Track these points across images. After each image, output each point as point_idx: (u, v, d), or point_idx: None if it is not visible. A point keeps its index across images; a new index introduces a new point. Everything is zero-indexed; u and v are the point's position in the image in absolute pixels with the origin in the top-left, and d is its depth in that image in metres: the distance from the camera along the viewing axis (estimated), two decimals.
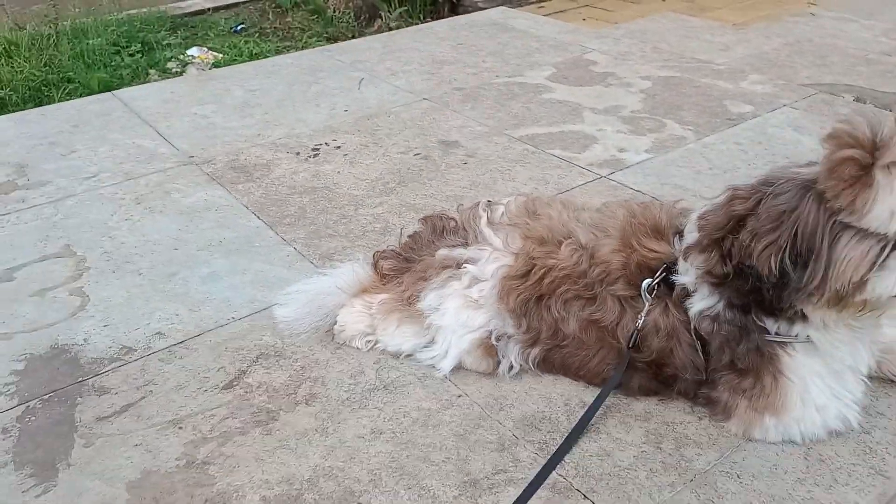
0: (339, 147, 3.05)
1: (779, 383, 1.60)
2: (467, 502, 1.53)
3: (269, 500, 1.55)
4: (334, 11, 7.55)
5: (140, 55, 5.23)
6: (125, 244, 2.42)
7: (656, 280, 1.70)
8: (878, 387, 1.78)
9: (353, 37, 6.85)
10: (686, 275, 1.65)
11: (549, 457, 1.57)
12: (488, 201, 2.03)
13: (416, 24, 6.83)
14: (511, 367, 1.85)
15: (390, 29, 6.74)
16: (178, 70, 5.87)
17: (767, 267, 1.46)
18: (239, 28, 7.27)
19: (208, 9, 7.83)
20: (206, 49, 6.79)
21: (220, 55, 6.44)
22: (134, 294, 2.18)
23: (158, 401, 1.81)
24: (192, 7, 7.89)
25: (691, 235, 1.65)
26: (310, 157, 2.97)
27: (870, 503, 1.52)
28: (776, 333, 1.58)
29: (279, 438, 1.70)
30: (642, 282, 1.71)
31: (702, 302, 1.63)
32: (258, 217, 2.55)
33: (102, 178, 2.83)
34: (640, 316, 1.70)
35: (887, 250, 1.41)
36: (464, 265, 1.87)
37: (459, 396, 1.80)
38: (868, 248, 1.41)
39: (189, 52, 6.62)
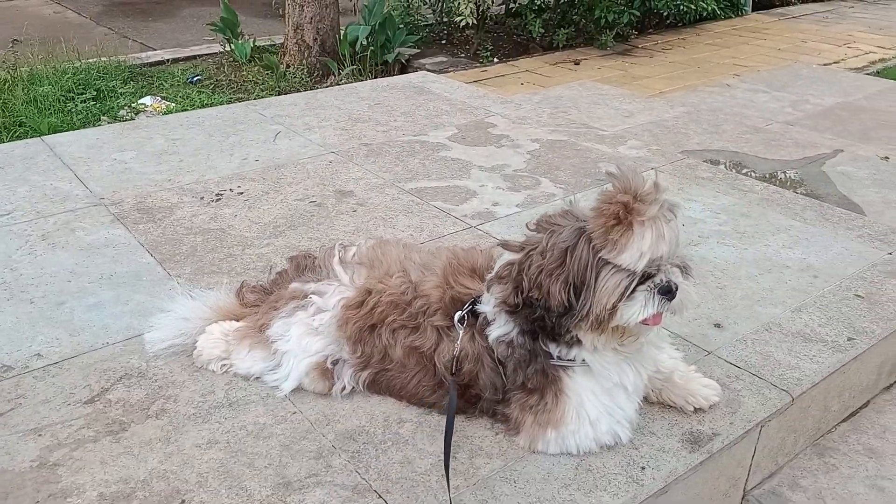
0: (241, 193, 3.33)
1: (559, 400, 1.88)
2: (277, 500, 1.77)
3: (105, 496, 1.77)
4: (287, 68, 7.92)
5: (94, 102, 5.49)
6: (24, 276, 2.65)
7: (465, 311, 1.98)
8: (657, 411, 2.06)
9: (306, 91, 7.20)
10: (487, 304, 1.93)
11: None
12: (342, 243, 2.31)
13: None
14: (344, 388, 2.10)
15: (340, 85, 7.10)
16: (130, 117, 6.15)
17: (558, 299, 1.75)
18: (195, 79, 7.60)
19: (167, 60, 8.17)
20: (159, 98, 7.09)
21: (173, 104, 6.74)
22: (22, 320, 2.41)
23: (25, 412, 2.03)
24: (151, 58, 8.22)
25: (495, 269, 1.94)
26: (212, 201, 3.25)
27: None
28: (558, 357, 1.86)
29: (125, 446, 1.92)
30: (455, 314, 1.99)
31: (499, 329, 1.90)
32: (151, 255, 2.81)
33: (15, 215, 3.07)
34: (456, 344, 1.97)
35: (634, 284, 1.71)
36: (310, 296, 2.14)
37: (294, 413, 2.05)
38: (619, 281, 1.70)
39: (142, 100, 6.92)
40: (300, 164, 3.65)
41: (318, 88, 7.14)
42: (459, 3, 7.27)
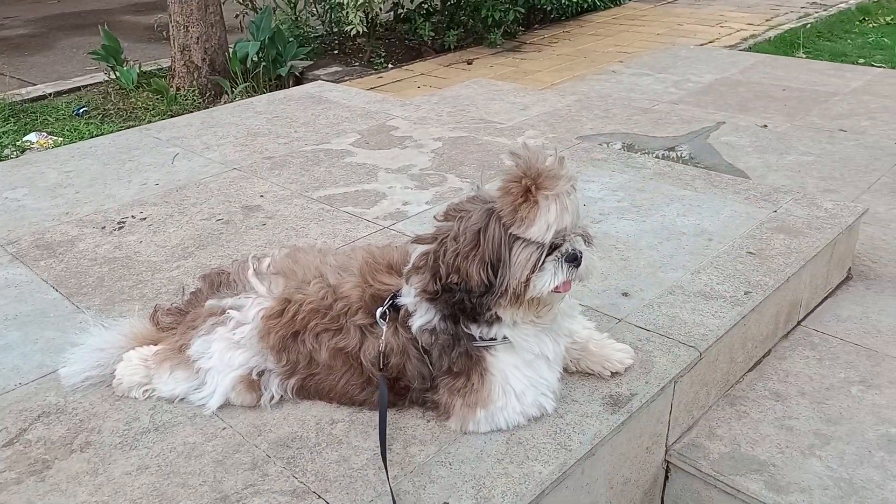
0: (144, 219, 3.26)
1: (485, 379, 1.94)
2: None
3: None
4: (178, 90, 7.75)
5: None
6: None
7: (386, 306, 2.02)
8: (577, 380, 2.15)
9: (201, 111, 7.06)
10: (408, 296, 1.98)
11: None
12: (255, 255, 2.31)
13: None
14: (272, 398, 2.10)
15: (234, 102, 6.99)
16: (16, 156, 5.88)
17: (478, 279, 1.81)
18: (81, 111, 7.33)
19: (50, 94, 7.84)
20: (45, 134, 6.80)
21: (60, 139, 6.48)
22: None
23: None
24: (32, 93, 7.88)
25: (411, 259, 1.99)
26: (115, 230, 3.17)
27: (552, 472, 1.86)
28: (480, 338, 1.92)
29: (52, 483, 1.87)
30: (376, 310, 2.03)
31: (421, 318, 1.95)
32: (56, 290, 2.72)
33: None
34: (381, 340, 2.00)
35: (543, 255, 1.80)
36: (228, 311, 2.13)
37: (224, 429, 2.04)
38: (530, 254, 1.79)
39: (27, 137, 6.62)
40: (202, 184, 3.60)
41: (222, 105, 7.02)
42: (348, 13, 7.31)
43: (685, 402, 2.34)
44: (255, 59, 7.37)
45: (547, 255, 1.81)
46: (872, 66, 7.34)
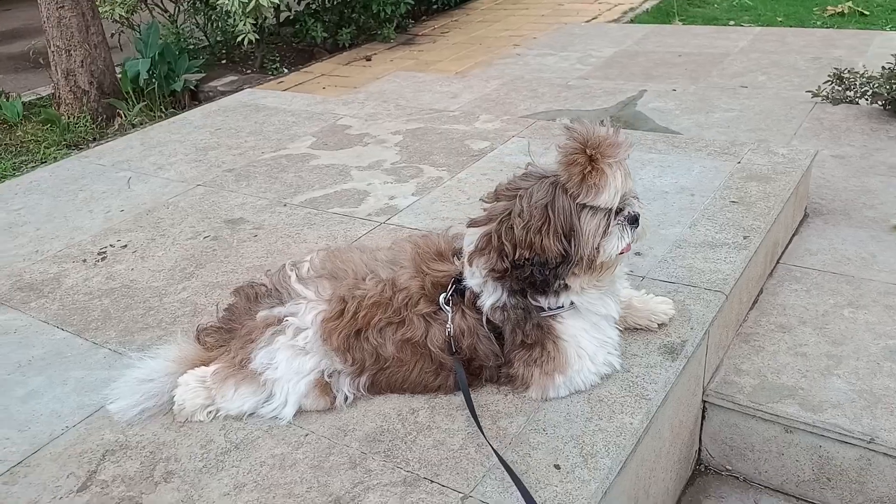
0: (125, 246, 3.11)
1: (559, 346, 2.03)
2: None
3: None
4: (69, 118, 7.32)
5: None
6: None
7: (450, 291, 2.06)
8: (629, 336, 2.27)
9: (95, 139, 6.72)
10: (473, 278, 2.03)
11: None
12: (292, 262, 2.28)
13: (159, 116, 6.84)
14: (346, 398, 2.10)
15: (133, 126, 6.70)
16: None
17: (554, 250, 1.88)
18: None
19: None
20: None
21: None
22: None
23: None
24: None
25: (469, 245, 2.03)
26: (98, 261, 3.01)
27: (640, 421, 1.97)
28: (548, 308, 2.01)
29: None
30: (439, 297, 2.07)
31: (491, 297, 2.01)
32: (62, 329, 2.57)
33: None
34: (448, 325, 2.04)
35: (611, 220, 1.89)
36: (285, 319, 2.10)
37: (307, 435, 2.02)
38: (599, 221, 1.89)
39: None
40: (171, 204, 3.47)
41: (108, 134, 6.73)
42: (237, 21, 7.12)
43: (714, 344, 2.52)
44: (147, 76, 7.10)
45: (613, 220, 1.91)
46: (742, 26, 7.92)
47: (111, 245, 3.13)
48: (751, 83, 5.73)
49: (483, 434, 1.89)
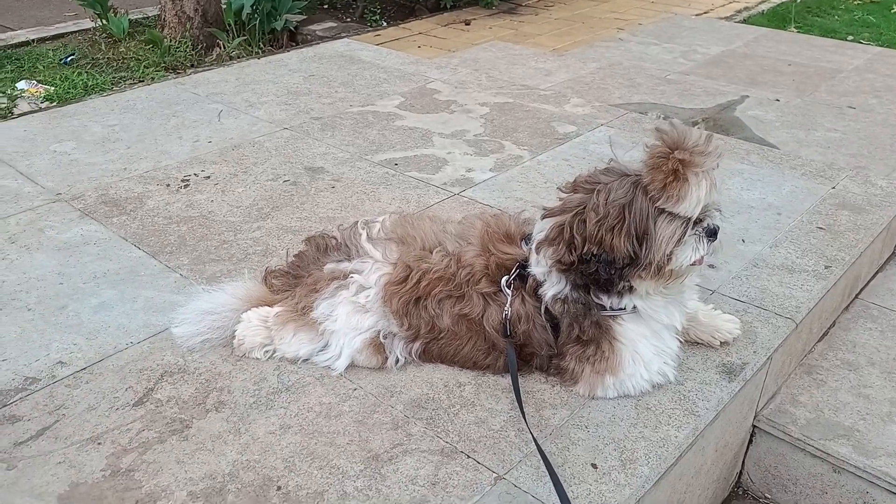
0: (208, 177, 3.21)
1: (614, 348, 2.01)
2: (371, 472, 1.80)
3: (195, 494, 1.74)
4: (170, 41, 7.51)
5: None
6: (6, 282, 2.47)
7: (513, 276, 2.06)
8: (688, 349, 2.23)
9: (193, 66, 6.89)
10: (538, 266, 2.02)
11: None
12: (365, 220, 2.31)
13: (257, 53, 6.96)
14: (398, 361, 2.14)
15: (231, 58, 6.84)
16: (7, 105, 5.66)
17: (623, 251, 1.86)
18: (69, 59, 7.08)
19: (33, 40, 7.54)
20: (35, 82, 6.56)
21: (52, 88, 6.26)
22: (27, 329, 2.26)
23: (73, 422, 1.93)
24: (14, 39, 7.56)
25: (540, 233, 2.02)
26: (180, 188, 3.12)
27: (686, 436, 1.95)
28: (610, 308, 1.99)
29: (196, 442, 1.88)
30: (501, 279, 2.07)
31: (553, 288, 2.00)
32: (138, 248, 2.68)
33: None
34: (506, 307, 2.04)
35: (688, 229, 1.85)
36: (350, 276, 2.14)
37: (355, 390, 2.06)
38: (675, 229, 1.85)
39: (17, 85, 6.38)
40: (257, 143, 3.55)
41: (206, 62, 6.86)
42: None
43: (775, 371, 2.45)
44: (250, 10, 7.20)
45: (691, 230, 1.87)
46: (861, 42, 7.53)
47: (195, 174, 3.23)
48: (860, 105, 5.46)
49: (525, 420, 1.90)
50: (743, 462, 2.56)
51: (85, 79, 6.75)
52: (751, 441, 2.51)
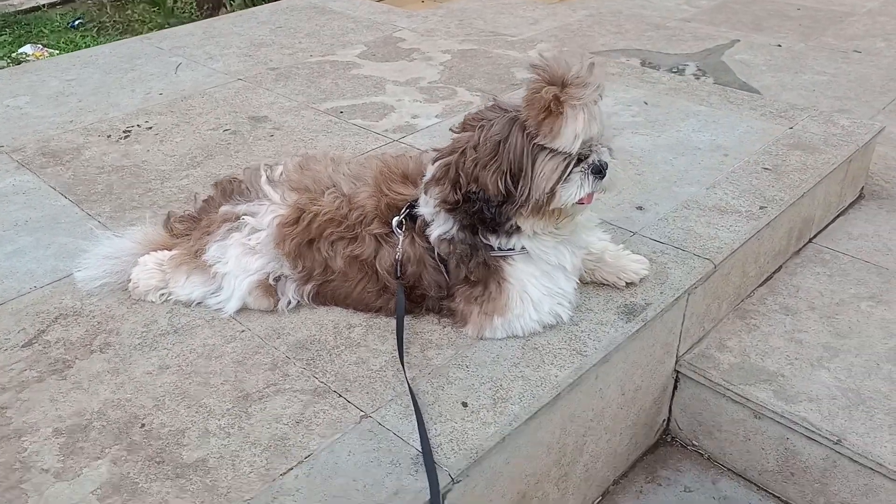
0: (150, 128, 3.20)
1: (502, 288, 1.95)
2: (238, 411, 1.79)
3: (60, 430, 1.75)
4: (175, 2, 7.53)
5: None
6: None
7: (402, 215, 2.00)
8: (592, 290, 2.16)
9: (203, 20, 6.88)
10: (426, 206, 1.96)
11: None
12: (267, 163, 2.27)
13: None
14: (289, 303, 2.11)
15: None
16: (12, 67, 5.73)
17: (495, 188, 1.79)
18: (76, 23, 7.14)
19: (43, 5, 7.62)
20: (40, 46, 6.64)
21: (56, 51, 6.32)
22: None
23: None
24: (25, 4, 7.65)
25: (429, 172, 1.96)
26: (121, 138, 3.12)
27: (568, 375, 1.89)
28: (498, 248, 1.92)
29: (73, 382, 1.89)
30: (392, 220, 2.01)
31: (439, 228, 1.94)
32: (65, 197, 2.69)
33: None
34: (397, 249, 2.00)
35: (571, 166, 1.77)
36: (243, 217, 2.11)
37: (243, 331, 2.05)
38: (556, 165, 1.76)
39: (22, 49, 6.46)
40: (207, 94, 3.53)
41: (221, 15, 6.83)
42: None
43: (697, 314, 2.36)
44: None
45: (573, 166, 1.78)
46: None
47: (138, 125, 3.23)
48: (867, 48, 5.19)
49: (401, 359, 1.86)
50: (670, 409, 2.48)
51: (89, 42, 6.81)
52: (676, 387, 2.43)
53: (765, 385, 2.27)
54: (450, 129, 1.97)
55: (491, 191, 1.79)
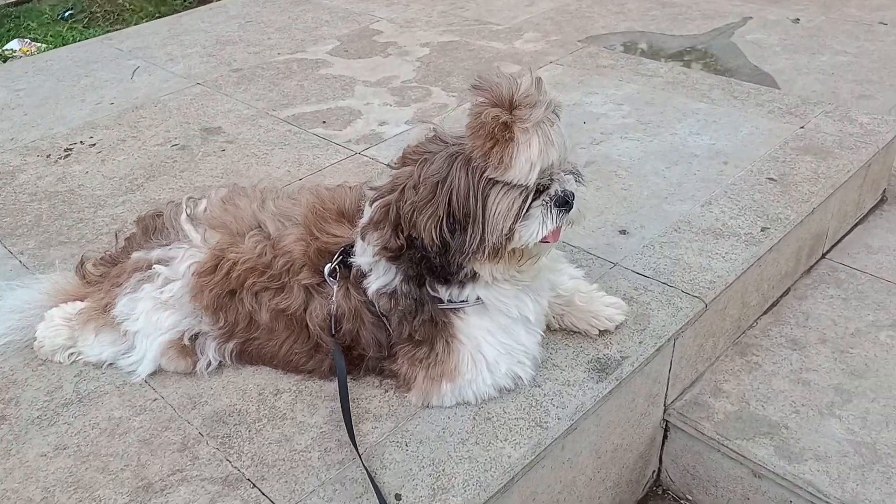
0: (94, 145, 2.94)
1: (451, 348, 1.66)
2: None
3: None
4: None
5: None
6: None
7: (334, 263, 1.72)
8: (560, 339, 1.86)
9: (170, 16, 6.60)
10: (363, 254, 1.67)
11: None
12: (190, 197, 2.00)
13: None
14: (209, 364, 1.84)
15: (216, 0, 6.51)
16: None
17: (430, 237, 1.50)
18: (67, 15, 6.88)
19: None
20: (28, 41, 6.38)
21: (44, 45, 6.08)
22: None
23: None
24: None
25: (367, 214, 1.67)
26: (60, 158, 2.86)
27: (524, 454, 1.60)
28: (448, 300, 1.63)
29: None
30: (324, 268, 1.73)
31: (378, 280, 1.65)
32: None
33: None
34: (332, 301, 1.71)
35: (529, 199, 1.47)
36: (154, 266, 1.84)
37: (155, 400, 1.79)
38: (513, 200, 1.47)
39: (9, 45, 6.21)
40: (161, 102, 3.25)
41: (192, 9, 6.55)
42: None
43: (688, 357, 2.06)
44: None
45: (532, 200, 1.48)
46: None
47: (81, 142, 2.96)
48: (893, 19, 4.76)
49: (354, 444, 1.59)
50: (661, 459, 2.19)
51: (76, 35, 6.55)
52: (666, 436, 2.14)
53: (765, 440, 1.97)
54: (389, 165, 1.67)
55: (426, 240, 1.50)
